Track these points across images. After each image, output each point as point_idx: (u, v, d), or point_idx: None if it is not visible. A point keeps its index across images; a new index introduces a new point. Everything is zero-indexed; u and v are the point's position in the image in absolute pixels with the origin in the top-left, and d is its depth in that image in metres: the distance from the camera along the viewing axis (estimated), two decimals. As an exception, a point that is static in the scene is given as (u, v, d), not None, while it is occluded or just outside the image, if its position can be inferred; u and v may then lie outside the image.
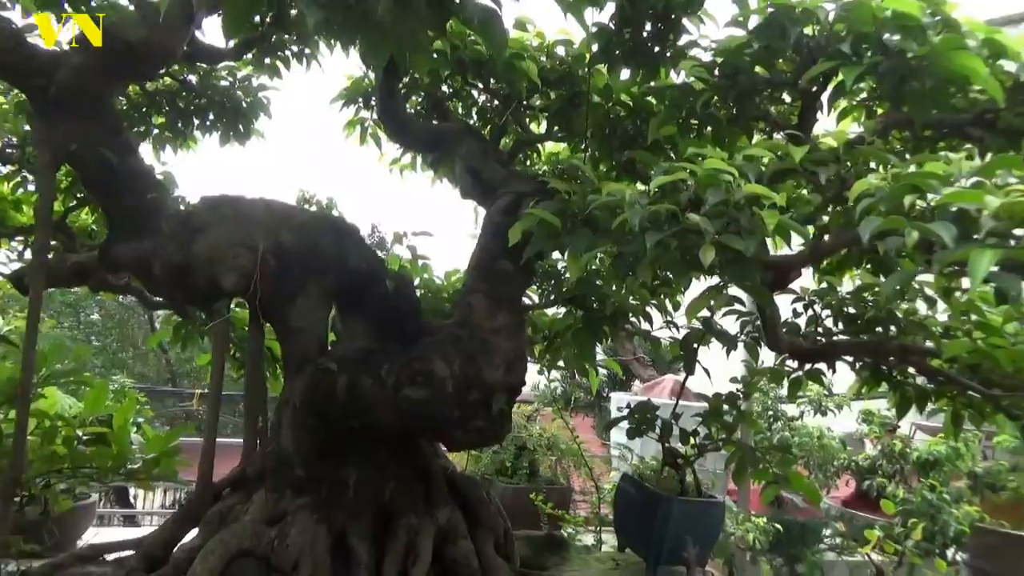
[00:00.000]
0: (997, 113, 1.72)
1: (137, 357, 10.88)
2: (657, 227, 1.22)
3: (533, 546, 2.28)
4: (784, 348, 1.91)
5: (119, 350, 10.99)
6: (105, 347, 11.10)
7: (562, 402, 4.39)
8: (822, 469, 3.94)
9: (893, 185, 1.17)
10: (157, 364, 10.77)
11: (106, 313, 11.25)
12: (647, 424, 2.15)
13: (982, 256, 1.00)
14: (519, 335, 1.87)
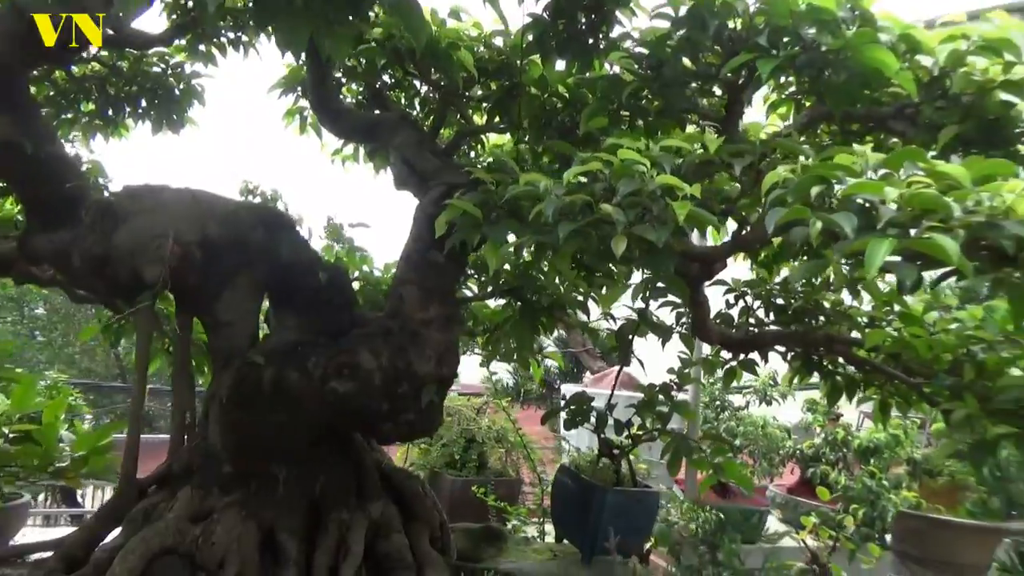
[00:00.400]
0: (918, 108, 1.76)
1: (85, 352, 10.57)
2: (571, 218, 1.21)
3: (471, 538, 2.27)
4: (714, 339, 1.94)
5: (65, 345, 10.66)
6: (50, 342, 10.75)
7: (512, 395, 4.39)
8: (766, 457, 4.01)
9: (801, 176, 1.18)
10: (105, 359, 10.49)
11: (51, 307, 10.91)
12: (582, 415, 2.16)
13: (879, 246, 1.01)
14: (451, 326, 1.85)
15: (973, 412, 1.55)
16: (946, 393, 1.57)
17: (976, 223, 1.04)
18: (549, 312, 2.20)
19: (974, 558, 1.90)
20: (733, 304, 2.14)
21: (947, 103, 1.64)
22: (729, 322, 2.13)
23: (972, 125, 1.63)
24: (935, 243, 1.00)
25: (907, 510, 2.08)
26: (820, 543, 2.79)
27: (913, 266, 1.04)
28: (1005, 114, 1.63)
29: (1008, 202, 1.08)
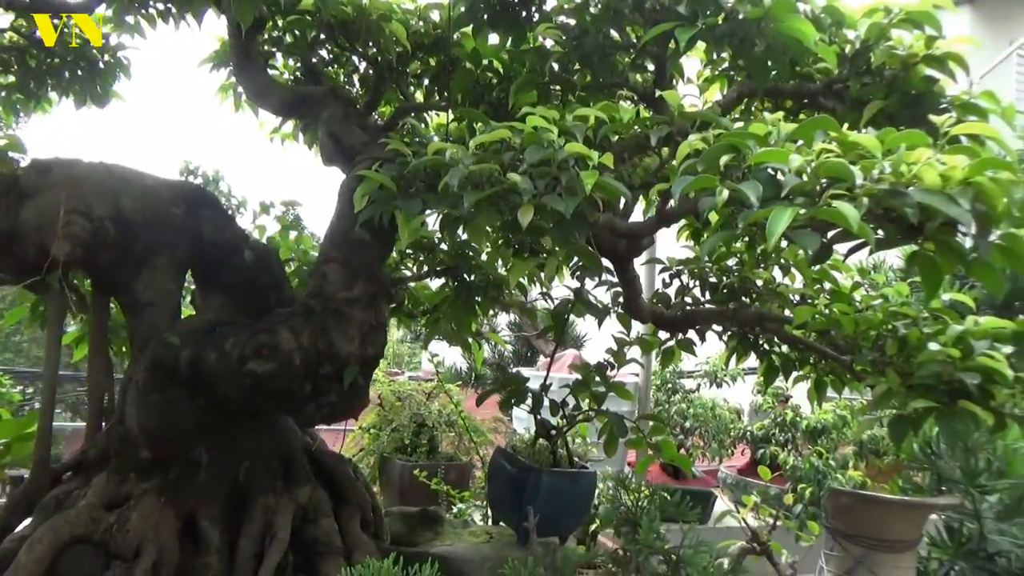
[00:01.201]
0: (846, 84, 1.75)
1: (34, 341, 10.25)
2: (478, 187, 1.17)
3: (407, 522, 2.24)
4: (646, 317, 1.92)
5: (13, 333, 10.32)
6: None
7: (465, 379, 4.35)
8: (716, 439, 4.04)
9: (712, 146, 1.15)
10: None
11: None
12: (517, 396, 2.13)
13: (781, 215, 0.99)
14: (377, 306, 1.80)
15: (894, 387, 1.56)
16: (870, 370, 1.57)
17: (880, 191, 1.03)
18: (485, 292, 2.15)
19: (903, 533, 1.92)
20: (669, 283, 2.13)
21: (872, 78, 1.64)
22: (666, 301, 2.12)
23: (896, 100, 1.63)
24: (836, 211, 0.98)
25: (837, 487, 2.09)
26: (761, 522, 2.81)
27: (815, 235, 1.02)
28: (928, 89, 1.63)
29: (916, 171, 1.07)
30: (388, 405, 3.93)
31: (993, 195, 1.04)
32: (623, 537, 1.62)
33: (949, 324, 1.54)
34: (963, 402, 1.40)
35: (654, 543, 1.39)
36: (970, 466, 2.05)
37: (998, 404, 1.43)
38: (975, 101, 1.57)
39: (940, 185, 1.06)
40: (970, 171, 1.04)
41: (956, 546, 2.10)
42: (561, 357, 4.09)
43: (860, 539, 2.01)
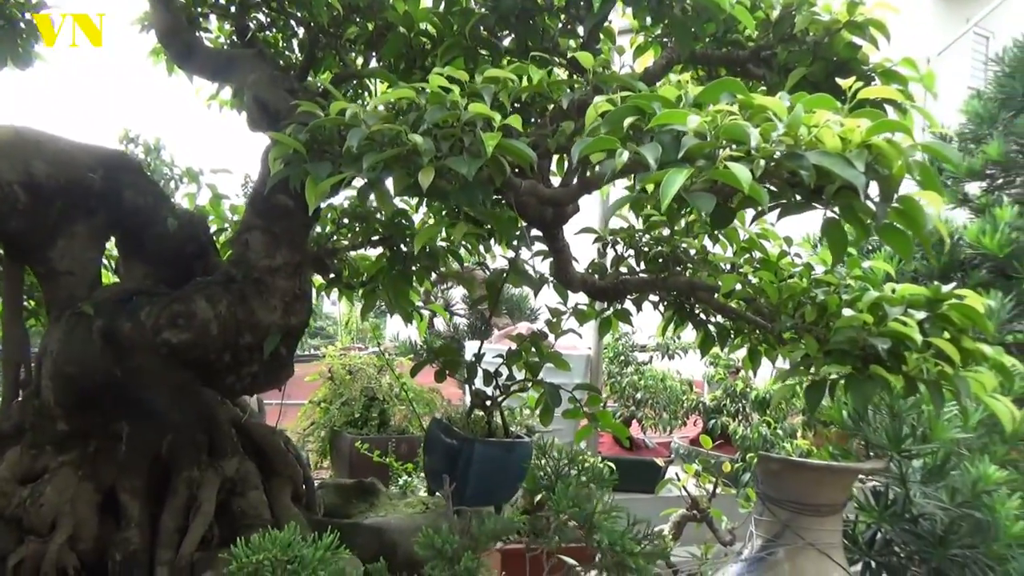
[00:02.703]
0: (774, 51, 1.75)
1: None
2: (378, 148, 1.14)
3: (341, 494, 2.22)
4: (576, 286, 1.90)
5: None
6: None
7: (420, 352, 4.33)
8: (668, 410, 4.09)
9: (618, 108, 1.13)
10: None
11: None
12: (451, 367, 2.11)
13: (675, 177, 0.98)
14: (301, 274, 1.77)
15: (812, 353, 1.57)
16: (788, 337, 1.59)
17: (777, 152, 1.02)
18: (419, 262, 2.12)
19: (829, 497, 1.95)
20: (604, 253, 2.12)
21: (796, 45, 1.63)
22: (602, 271, 2.11)
23: (820, 67, 1.62)
24: (728, 172, 0.97)
25: (766, 453, 2.12)
26: (701, 490, 2.86)
27: (710, 197, 1.01)
28: (852, 56, 1.63)
29: (816, 134, 1.06)
30: (339, 379, 3.90)
31: (890, 157, 1.04)
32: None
33: (866, 290, 1.55)
34: (874, 367, 1.41)
35: (567, 509, 1.39)
36: (896, 431, 2.10)
37: (910, 369, 1.45)
38: (896, 68, 1.57)
39: (840, 148, 1.06)
40: (867, 133, 1.04)
41: (882, 509, 2.15)
42: (515, 330, 4.08)
43: (788, 503, 2.04)
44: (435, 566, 1.32)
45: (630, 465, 3.65)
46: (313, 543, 1.11)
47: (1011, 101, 3.22)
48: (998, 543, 2.05)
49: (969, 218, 3.33)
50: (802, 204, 1.15)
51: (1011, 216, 2.91)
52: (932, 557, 2.09)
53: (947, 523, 2.11)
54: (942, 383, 1.42)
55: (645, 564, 1.29)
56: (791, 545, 2.01)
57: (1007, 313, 2.75)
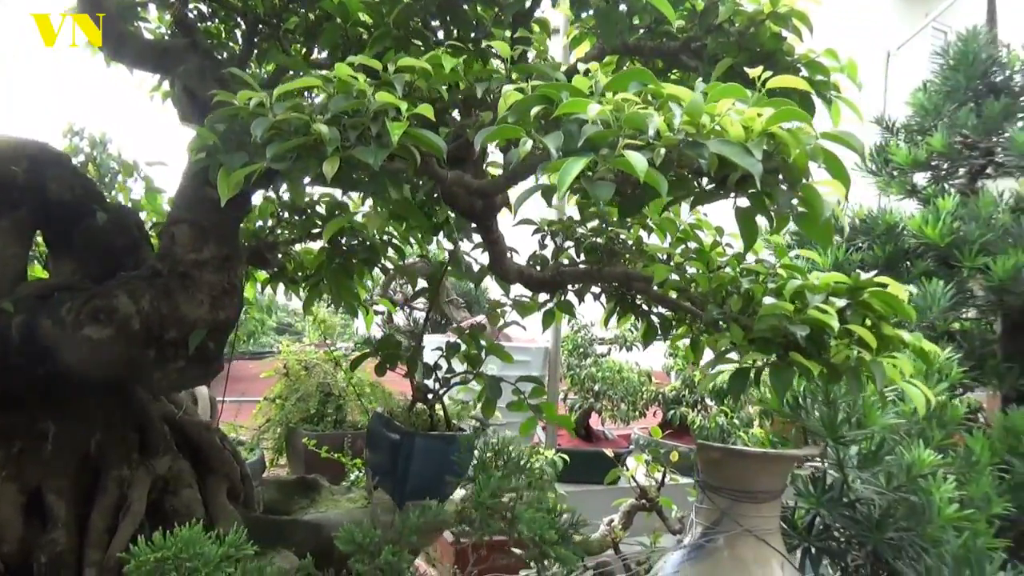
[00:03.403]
0: (704, 42, 1.75)
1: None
2: (283, 137, 1.12)
3: (282, 490, 2.20)
4: (512, 277, 1.90)
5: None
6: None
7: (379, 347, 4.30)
8: (625, 401, 4.12)
9: (526, 96, 1.13)
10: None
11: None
12: (391, 360, 2.10)
13: (573, 165, 0.98)
14: (230, 268, 1.74)
15: (738, 342, 1.59)
16: (713, 327, 1.60)
17: (677, 141, 1.02)
18: (359, 255, 2.10)
19: (767, 484, 1.98)
20: (545, 245, 2.12)
21: (723, 36, 1.64)
22: (544, 263, 2.11)
23: (746, 58, 1.63)
24: (625, 160, 0.97)
25: (704, 441, 2.15)
26: (650, 479, 2.88)
27: (608, 185, 1.01)
28: (778, 47, 1.64)
29: (720, 121, 1.07)
30: (294, 375, 3.87)
31: (790, 146, 1.04)
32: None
33: (790, 279, 1.57)
34: (793, 354, 1.43)
35: (487, 501, 1.39)
36: (831, 418, 2.13)
37: (829, 356, 1.47)
38: (819, 59, 1.59)
39: (743, 137, 1.07)
40: (767, 122, 1.05)
41: (820, 495, 2.18)
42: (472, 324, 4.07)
43: (727, 491, 2.06)
44: (358, 560, 1.31)
45: (585, 457, 3.66)
46: (217, 540, 1.10)
47: (955, 94, 3.28)
48: (932, 526, 2.09)
49: (917, 208, 3.39)
50: (712, 193, 1.16)
51: (952, 206, 2.97)
52: (869, 541, 2.13)
53: (884, 507, 2.15)
54: (860, 369, 1.44)
55: (568, 554, 1.29)
56: (730, 532, 2.04)
57: (947, 301, 2.81)
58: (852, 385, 1.44)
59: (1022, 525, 2.52)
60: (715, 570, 2.05)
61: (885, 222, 3.07)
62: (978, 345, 3.07)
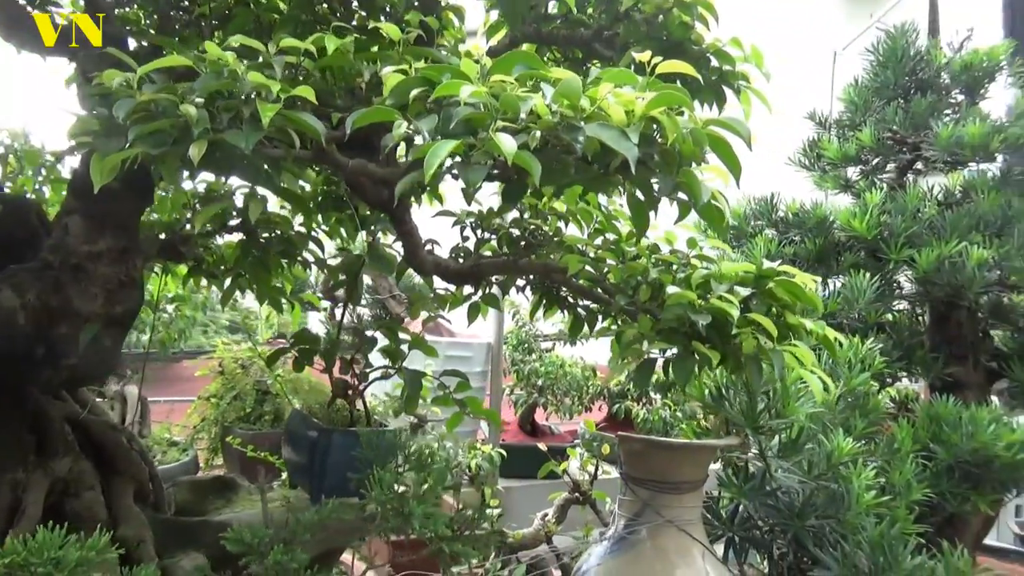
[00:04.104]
0: (616, 31, 1.74)
1: None
2: (148, 119, 1.07)
3: (196, 491, 2.14)
4: (429, 269, 1.87)
5: None
6: None
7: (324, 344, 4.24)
8: (569, 395, 4.12)
9: (406, 78, 1.09)
10: None
11: None
12: (307, 356, 2.05)
13: (441, 148, 0.95)
14: (128, 260, 1.67)
15: (646, 332, 1.58)
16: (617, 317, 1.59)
17: (552, 124, 1.00)
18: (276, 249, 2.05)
19: (689, 475, 1.98)
20: (467, 237, 2.09)
21: (631, 24, 1.62)
22: (468, 255, 2.08)
23: (655, 47, 1.62)
24: (494, 142, 0.94)
25: (625, 433, 2.15)
26: (583, 472, 2.88)
27: (480, 168, 0.98)
28: (687, 36, 1.63)
29: (601, 104, 1.05)
30: (230, 373, 3.77)
31: (669, 131, 1.03)
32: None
33: (698, 268, 1.56)
34: (695, 343, 1.43)
35: (381, 497, 1.36)
36: (751, 408, 2.14)
37: (732, 345, 1.47)
38: (726, 48, 1.59)
39: (626, 121, 1.05)
40: (647, 106, 1.03)
41: (742, 484, 2.20)
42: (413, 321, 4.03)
43: (649, 482, 2.06)
44: (249, 561, 1.27)
45: (527, 452, 3.65)
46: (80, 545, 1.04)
47: (884, 90, 3.34)
48: (851, 512, 2.12)
49: (852, 202, 3.45)
50: (599, 179, 1.14)
51: (879, 200, 3.02)
52: (790, 528, 2.15)
53: (805, 495, 2.18)
54: (761, 358, 1.45)
55: (465, 549, 1.27)
56: (651, 523, 2.04)
57: (873, 293, 2.86)
58: (753, 374, 1.45)
59: (944, 511, 2.57)
60: (637, 562, 2.05)
61: (816, 216, 3.11)
62: (907, 336, 3.13)
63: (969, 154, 2.95)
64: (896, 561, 1.98)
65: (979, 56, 3.11)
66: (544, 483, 3.64)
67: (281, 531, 1.32)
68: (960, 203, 3.11)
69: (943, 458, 2.51)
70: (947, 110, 3.25)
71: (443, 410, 3.15)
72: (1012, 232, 2.81)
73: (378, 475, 1.41)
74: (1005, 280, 2.85)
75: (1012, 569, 3.22)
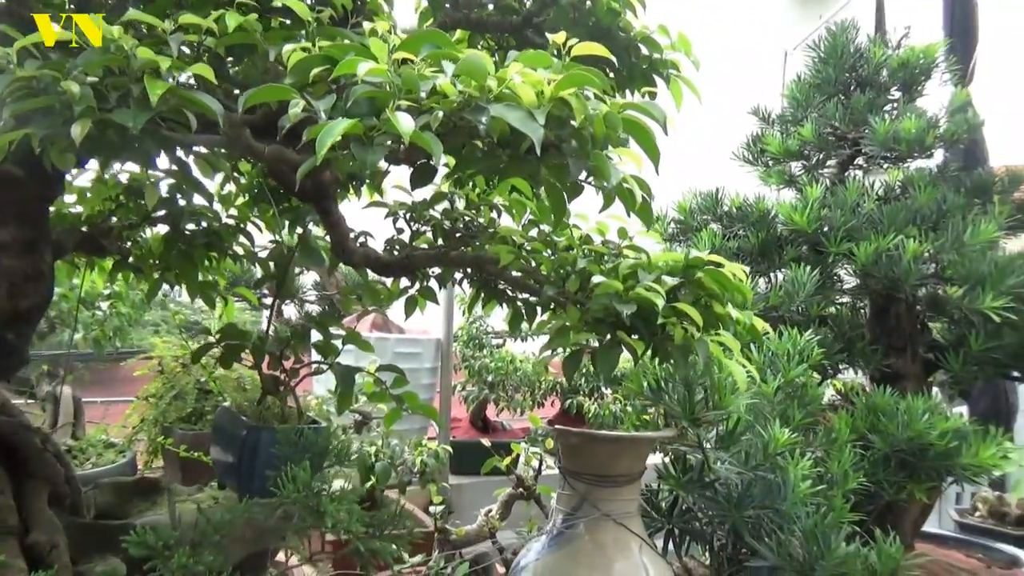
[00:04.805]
0: (545, 17, 1.71)
1: None
2: (29, 96, 1.01)
3: (119, 493, 2.05)
4: (357, 260, 1.82)
5: None
6: None
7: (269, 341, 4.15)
8: (520, 391, 4.09)
9: (307, 56, 1.05)
10: None
11: None
12: (234, 352, 1.98)
13: (334, 127, 0.91)
14: (35, 252, 1.58)
15: (572, 323, 1.56)
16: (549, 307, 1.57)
17: (455, 104, 0.96)
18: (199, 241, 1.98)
19: (626, 468, 1.97)
20: (402, 228, 2.05)
21: (559, 10, 1.60)
22: (404, 247, 2.04)
23: (584, 33, 1.60)
24: (391, 122, 0.90)
25: (561, 427, 2.13)
26: (527, 468, 2.86)
27: (379, 149, 0.95)
28: (615, 23, 1.62)
29: (509, 86, 1.02)
30: (170, 372, 3.66)
31: (578, 112, 1.01)
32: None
33: (626, 259, 1.55)
34: (620, 333, 1.41)
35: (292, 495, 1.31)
36: (689, 400, 2.14)
37: (658, 335, 1.46)
38: (653, 35, 1.58)
39: (536, 103, 1.02)
40: (556, 87, 1.00)
41: (680, 476, 2.20)
42: (362, 316, 3.96)
43: (586, 476, 2.05)
44: (154, 565, 1.21)
45: (477, 448, 3.62)
46: None
47: (825, 86, 3.38)
48: (787, 502, 2.13)
49: (796, 196, 3.49)
50: (514, 163, 1.11)
51: (819, 194, 3.06)
52: (728, 519, 2.16)
53: (743, 486, 2.18)
54: (687, 347, 1.44)
55: (383, 547, 1.23)
56: (588, 517, 2.02)
57: (813, 286, 2.89)
58: (679, 363, 1.43)
59: (880, 499, 2.61)
60: (575, 556, 2.03)
61: (758, 210, 3.14)
62: (848, 328, 3.17)
63: (905, 149, 3.01)
64: (829, 549, 2.00)
65: (915, 54, 3.17)
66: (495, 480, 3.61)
67: (189, 533, 1.26)
68: (900, 198, 3.17)
69: (880, 448, 2.55)
70: (886, 106, 3.31)
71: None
72: (947, 226, 2.87)
73: (291, 472, 1.36)
74: (941, 273, 2.91)
75: (948, 554, 3.29)
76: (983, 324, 2.77)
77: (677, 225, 3.51)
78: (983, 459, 2.46)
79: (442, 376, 4.01)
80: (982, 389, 4.69)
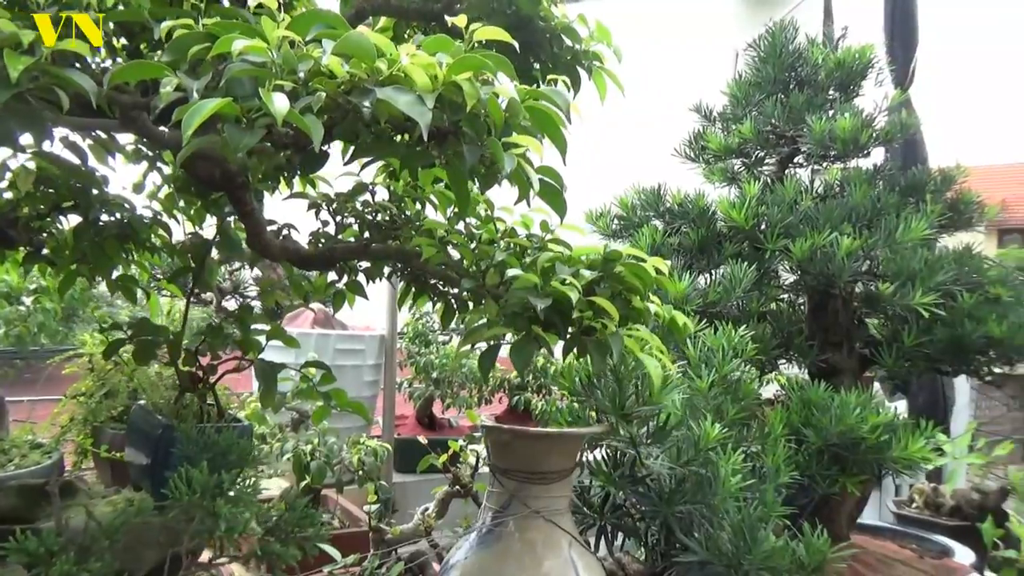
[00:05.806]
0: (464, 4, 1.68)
1: None
2: None
3: (25, 496, 1.95)
4: (276, 253, 1.76)
5: None
6: None
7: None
8: (465, 387, 4.06)
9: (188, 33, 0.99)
10: None
11: None
12: (148, 348, 1.91)
13: (201, 108, 0.86)
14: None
15: (491, 316, 1.53)
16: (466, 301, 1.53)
17: (337, 85, 0.92)
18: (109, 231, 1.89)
19: (556, 464, 1.95)
20: (328, 221, 1.99)
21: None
22: (329, 240, 1.98)
23: (503, 21, 1.57)
24: (265, 101, 0.86)
25: (491, 423, 2.10)
26: (464, 465, 2.82)
27: (254, 132, 0.90)
28: (536, 13, 1.59)
29: (401, 68, 0.98)
30: (100, 370, 3.52)
31: (469, 97, 0.97)
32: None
33: (546, 251, 1.52)
34: (534, 327, 1.38)
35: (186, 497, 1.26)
36: (620, 395, 2.13)
37: (575, 329, 1.44)
38: (573, 25, 1.55)
39: (430, 87, 0.98)
40: (449, 71, 0.97)
41: (611, 472, 2.19)
42: (302, 313, 3.88)
43: (516, 473, 2.02)
44: (37, 573, 1.14)
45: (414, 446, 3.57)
46: None
47: (764, 85, 3.42)
48: (718, 497, 2.14)
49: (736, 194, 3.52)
50: (414, 151, 1.08)
51: (757, 191, 3.09)
52: (660, 515, 2.15)
53: (675, 481, 2.18)
54: (603, 342, 1.42)
55: (284, 550, 1.18)
56: (518, 515, 2.00)
57: (750, 282, 2.91)
58: (595, 357, 1.41)
59: (814, 492, 2.64)
60: (505, 554, 2.00)
61: (698, 206, 3.15)
62: (786, 324, 3.21)
63: (841, 148, 3.05)
64: (756, 543, 2.01)
65: (851, 54, 3.22)
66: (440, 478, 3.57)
67: (78, 537, 1.20)
68: (837, 196, 3.22)
69: (813, 442, 2.58)
70: (824, 106, 3.36)
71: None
72: (880, 224, 2.92)
73: (185, 473, 1.30)
74: (874, 270, 2.96)
75: (883, 545, 3.36)
76: (915, 320, 2.82)
77: (620, 221, 3.50)
78: (913, 452, 2.51)
79: (386, 373, 3.95)
80: (920, 384, 4.81)
